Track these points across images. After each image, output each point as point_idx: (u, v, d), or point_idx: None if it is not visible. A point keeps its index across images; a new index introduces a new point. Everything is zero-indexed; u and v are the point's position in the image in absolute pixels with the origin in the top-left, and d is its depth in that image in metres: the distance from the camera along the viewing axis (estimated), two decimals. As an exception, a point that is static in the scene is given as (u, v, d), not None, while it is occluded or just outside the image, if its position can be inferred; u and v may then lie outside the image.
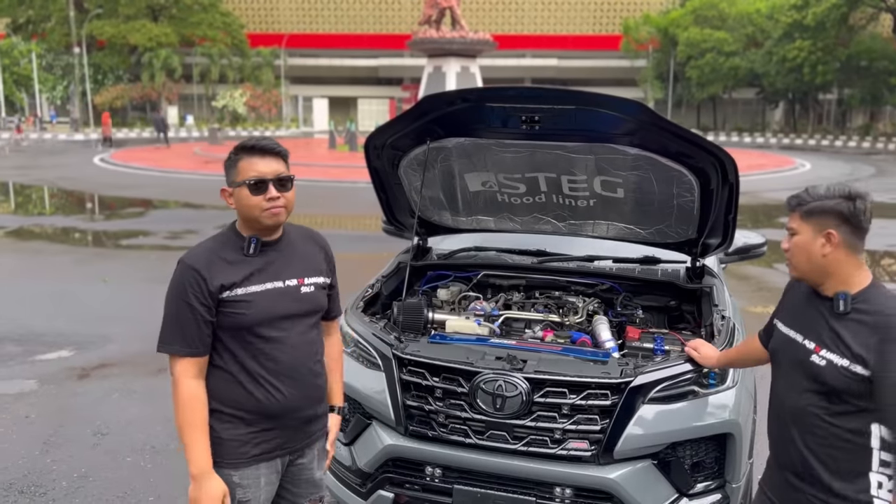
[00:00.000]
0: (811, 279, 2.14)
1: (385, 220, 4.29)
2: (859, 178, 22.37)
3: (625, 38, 52.21)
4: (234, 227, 2.23)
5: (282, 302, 2.22)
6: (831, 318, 2.08)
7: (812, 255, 2.08)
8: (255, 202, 2.15)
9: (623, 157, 3.24)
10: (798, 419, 2.17)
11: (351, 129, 31.79)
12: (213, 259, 2.13)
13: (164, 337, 2.13)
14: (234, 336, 2.16)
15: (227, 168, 2.20)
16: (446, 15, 31.97)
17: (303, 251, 2.32)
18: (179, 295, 2.10)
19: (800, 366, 2.15)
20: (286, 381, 2.23)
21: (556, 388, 2.78)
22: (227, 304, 2.12)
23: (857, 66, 42.84)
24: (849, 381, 2.01)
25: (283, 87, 54.91)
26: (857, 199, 2.02)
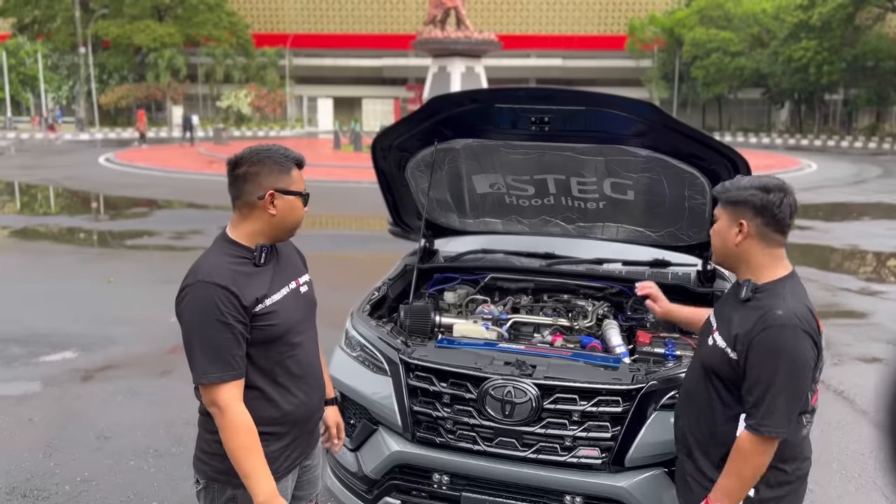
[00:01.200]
0: (727, 265, 2.22)
1: (391, 222, 4.24)
2: (866, 178, 22.27)
3: (630, 39, 52.11)
4: (231, 238, 2.11)
5: (296, 304, 2.21)
6: (735, 303, 2.13)
7: (726, 242, 2.13)
8: (302, 214, 2.17)
9: (634, 158, 3.20)
10: (687, 396, 2.26)
11: (356, 129, 31.75)
12: (233, 274, 2.02)
13: (202, 367, 1.97)
14: (264, 350, 2.09)
15: (274, 172, 2.08)
16: (451, 15, 31.93)
17: (286, 253, 2.29)
18: (212, 316, 1.95)
19: (700, 347, 2.25)
20: (309, 384, 2.23)
21: (567, 394, 2.73)
22: (259, 317, 2.05)
23: (863, 66, 42.70)
24: (720, 362, 2.07)
25: (288, 87, 54.95)
26: (772, 192, 2.05)
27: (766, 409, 1.95)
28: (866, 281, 9.37)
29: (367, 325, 3.25)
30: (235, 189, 2.11)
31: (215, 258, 2.06)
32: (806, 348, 1.96)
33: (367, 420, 3.09)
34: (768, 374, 1.95)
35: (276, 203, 2.08)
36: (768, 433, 1.96)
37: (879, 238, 12.14)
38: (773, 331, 1.95)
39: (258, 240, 2.12)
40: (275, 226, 2.11)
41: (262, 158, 2.08)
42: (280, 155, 2.10)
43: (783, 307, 1.98)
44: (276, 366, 2.12)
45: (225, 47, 51.40)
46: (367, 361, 3.14)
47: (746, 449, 2.00)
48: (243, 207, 2.10)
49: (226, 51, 51.53)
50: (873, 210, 15.77)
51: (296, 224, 2.17)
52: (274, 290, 2.11)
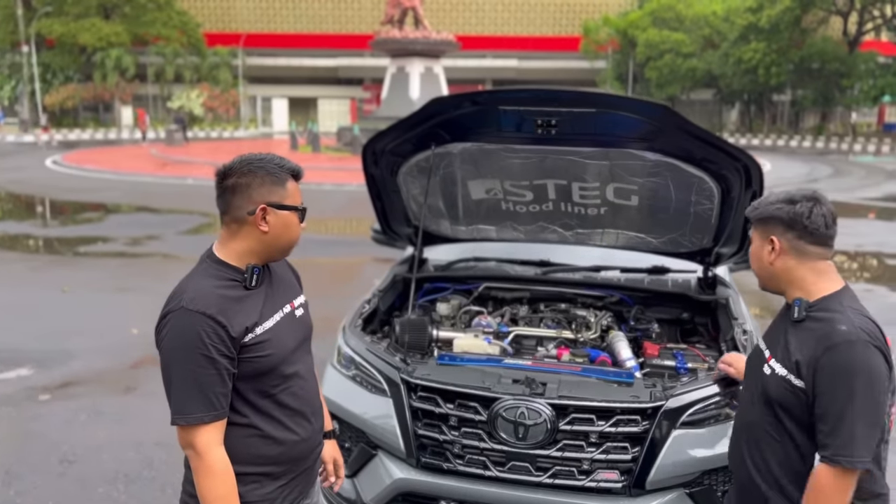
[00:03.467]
0: (771, 287, 2.03)
1: (378, 230, 4.04)
2: (818, 178, 22.76)
3: (584, 40, 52.49)
4: (219, 258, 1.90)
5: (291, 331, 1.99)
6: (789, 327, 1.95)
7: (762, 262, 1.99)
8: (298, 231, 1.96)
9: (642, 163, 3.06)
10: (748, 433, 2.04)
11: (313, 129, 31.25)
12: (220, 300, 1.81)
13: (182, 406, 1.76)
14: (255, 384, 1.88)
15: (266, 184, 1.87)
16: (409, 15, 31.65)
17: (279, 272, 2.08)
18: (195, 349, 1.75)
19: (754, 376, 2.04)
20: (307, 418, 2.01)
21: (583, 414, 2.57)
22: (249, 348, 1.84)
23: (809, 68, 43.75)
24: (785, 392, 1.87)
25: (242, 87, 53.90)
26: (799, 203, 1.91)
27: (845, 438, 1.75)
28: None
29: (362, 342, 3.05)
30: (223, 203, 1.89)
31: (201, 281, 1.84)
32: (879, 364, 1.77)
33: (364, 444, 2.89)
34: (842, 398, 1.75)
35: (269, 219, 1.87)
36: (850, 464, 1.75)
37: (839, 237, 12.24)
38: (840, 349, 1.77)
39: (249, 260, 1.90)
40: (267, 244, 1.90)
41: (253, 169, 1.86)
42: (274, 165, 1.89)
43: (846, 322, 1.80)
44: (269, 400, 1.91)
45: (175, 47, 50.09)
46: (364, 381, 2.94)
47: (826, 485, 1.78)
48: (232, 223, 1.89)
49: (176, 50, 50.24)
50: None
51: (291, 243, 1.96)
52: (266, 317, 1.90)
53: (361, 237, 12.17)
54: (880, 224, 14.25)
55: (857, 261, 10.80)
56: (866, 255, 11.01)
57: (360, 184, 18.42)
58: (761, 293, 6.63)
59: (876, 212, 15.87)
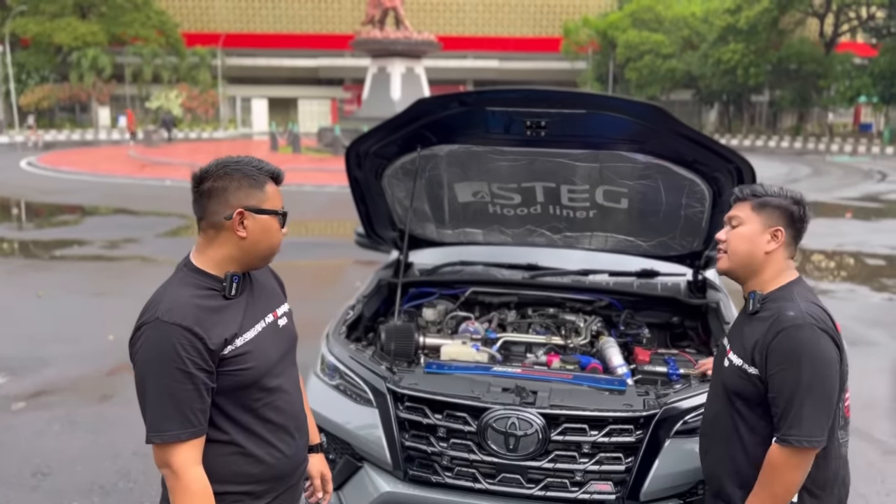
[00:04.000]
0: (738, 274, 2.03)
1: (362, 233, 3.95)
2: (797, 178, 22.92)
3: (565, 41, 52.64)
4: (196, 266, 1.81)
5: (273, 342, 1.89)
6: (743, 319, 2.03)
7: (755, 248, 1.98)
8: (279, 236, 1.86)
9: (632, 165, 3.00)
10: (713, 427, 2.10)
11: (294, 130, 31.03)
12: (197, 311, 1.72)
13: (156, 422, 1.68)
14: (236, 398, 1.79)
15: (244, 187, 1.78)
16: (390, 15, 31.53)
17: (261, 279, 1.99)
18: (171, 363, 1.66)
19: (717, 371, 2.10)
20: (292, 433, 1.91)
21: (575, 423, 2.50)
22: (229, 361, 1.75)
23: (786, 68, 44.16)
24: (741, 381, 1.94)
25: (221, 87, 53.44)
26: (800, 205, 2.00)
27: (794, 417, 1.81)
28: (814, 280, 9.53)
29: (346, 350, 2.96)
30: (199, 207, 1.81)
31: (177, 290, 1.76)
32: (827, 347, 1.83)
33: (349, 456, 2.80)
34: (791, 379, 1.81)
35: (247, 224, 1.79)
36: (798, 443, 1.82)
37: (819, 237, 12.41)
38: (787, 332, 1.83)
39: (228, 267, 1.82)
40: (246, 251, 1.82)
41: (229, 171, 1.78)
42: (252, 167, 1.81)
43: (794, 308, 1.87)
44: (251, 415, 1.82)
45: (154, 47, 49.55)
46: (349, 390, 2.85)
47: (777, 463, 1.85)
48: (209, 229, 1.81)
49: (154, 50, 49.70)
50: (811, 209, 16.16)
51: (271, 249, 1.87)
52: (247, 327, 1.81)
53: (343, 239, 12.05)
54: (859, 224, 14.38)
55: (837, 260, 10.86)
56: (847, 255, 11.08)
57: (341, 185, 18.32)
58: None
59: (855, 211, 16.01)
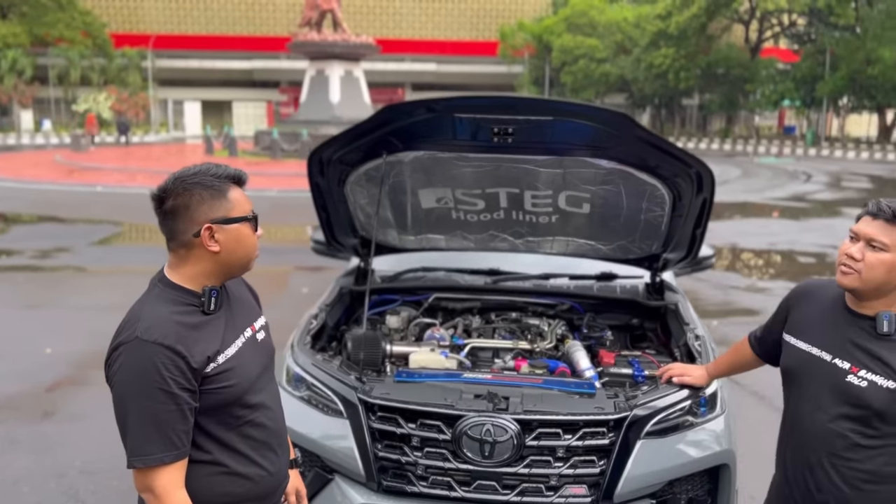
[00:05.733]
0: (865, 296, 1.97)
1: (321, 241, 3.89)
2: (728, 179, 23.65)
3: (502, 45, 53.18)
4: (172, 282, 1.74)
5: (254, 357, 1.84)
6: (869, 339, 1.96)
7: (893, 277, 1.92)
8: (254, 241, 1.78)
9: (595, 170, 3.04)
10: (828, 444, 2.01)
11: (230, 133, 30.40)
12: (178, 328, 1.65)
13: (138, 446, 1.61)
14: (218, 416, 1.72)
15: (206, 200, 1.70)
16: (327, 17, 31.23)
17: (237, 292, 1.92)
18: (152, 384, 1.59)
19: (832, 387, 2.00)
20: (275, 450, 1.86)
21: (549, 428, 2.51)
22: (212, 379, 1.69)
23: (715, 73, 45.66)
24: (889, 402, 1.90)
25: (152, 89, 51.99)
26: None
27: None
28: (751, 278, 9.88)
29: (313, 361, 2.90)
30: (166, 229, 1.73)
31: (155, 307, 1.68)
32: None
33: (319, 469, 2.75)
34: None
35: (218, 237, 1.71)
36: None
37: (753, 236, 12.87)
38: None
39: (205, 282, 1.75)
40: (222, 263, 1.75)
41: (188, 186, 1.70)
42: (210, 176, 1.72)
43: None
44: (234, 433, 1.76)
45: (80, 48, 47.85)
46: (317, 402, 2.80)
47: None
48: (179, 249, 1.73)
49: (81, 52, 47.99)
50: (742, 209, 16.77)
51: (248, 257, 1.80)
52: (228, 343, 1.75)
53: (285, 245, 11.87)
54: (791, 223, 14.96)
55: (771, 259, 11.27)
56: (780, 254, 11.51)
57: (281, 189, 18.05)
58: (696, 299, 6.64)
59: (784, 211, 16.65)
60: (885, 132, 42.84)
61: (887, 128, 42.87)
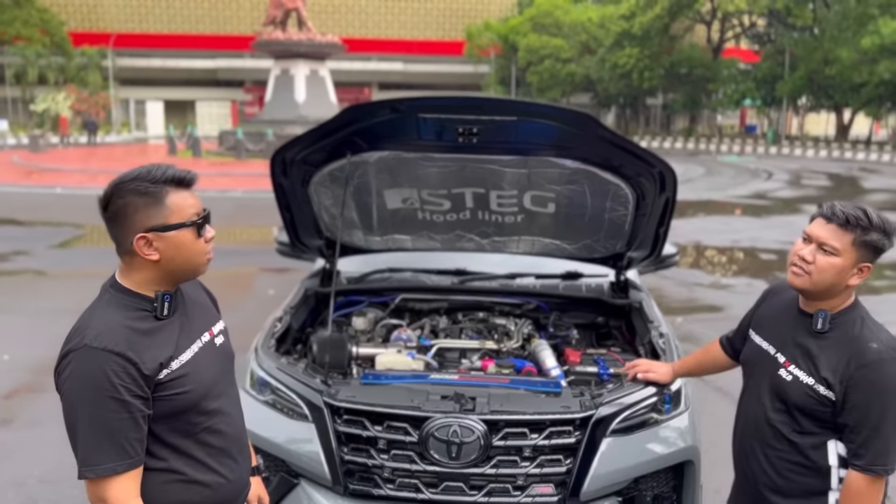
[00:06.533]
0: (814, 296, 2.01)
1: (284, 242, 3.85)
2: (692, 177, 24.00)
3: (468, 44, 53.28)
4: (124, 286, 1.69)
5: (211, 362, 1.80)
6: (806, 335, 2.02)
7: (841, 281, 1.95)
8: (199, 247, 1.71)
9: (560, 170, 3.05)
10: (760, 433, 2.10)
11: (193, 133, 29.99)
12: (129, 334, 1.61)
13: (89, 456, 1.56)
14: (173, 424, 1.68)
15: (140, 208, 1.63)
16: (292, 16, 30.98)
17: (193, 296, 1.88)
18: (103, 392, 1.54)
19: (768, 379, 2.08)
20: (234, 457, 1.82)
21: (516, 428, 2.52)
22: (165, 386, 1.64)
23: (678, 73, 46.31)
24: (812, 400, 1.96)
25: (112, 89, 51.04)
26: (892, 237, 1.94)
27: (879, 449, 1.88)
28: (715, 275, 10.02)
29: (277, 364, 2.87)
30: (111, 236, 1.69)
31: (105, 313, 1.63)
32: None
33: (284, 473, 2.72)
34: (876, 414, 1.87)
35: (156, 245, 1.65)
36: (885, 472, 1.89)
37: (717, 234, 13.06)
38: (873, 367, 1.88)
39: (157, 287, 1.70)
40: (165, 271, 1.69)
41: (122, 193, 1.63)
42: (146, 182, 1.63)
43: (874, 339, 1.91)
44: (191, 440, 1.72)
45: (37, 47, 46.79)
46: (281, 406, 2.76)
47: (863, 491, 1.91)
48: (125, 255, 1.69)
49: (38, 51, 46.93)
50: (706, 207, 17.01)
51: (193, 263, 1.73)
52: (182, 349, 1.71)
53: (250, 247, 11.73)
54: (753, 220, 15.22)
55: (734, 256, 11.45)
56: (742, 251, 11.70)
57: (246, 190, 17.86)
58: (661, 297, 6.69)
59: (747, 209, 16.94)
60: (842, 131, 43.85)
61: (844, 127, 43.88)
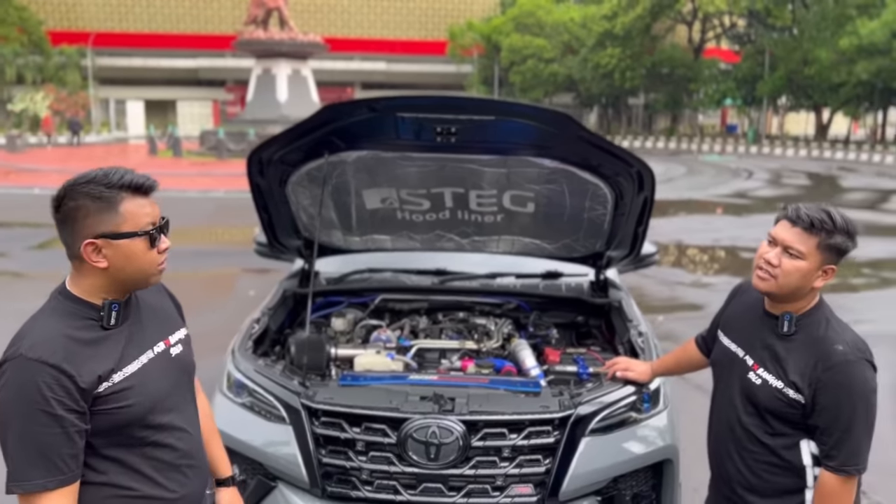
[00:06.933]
0: (779, 298, 2.01)
1: (263, 242, 3.82)
2: (673, 177, 24.14)
3: (451, 44, 53.28)
4: (71, 293, 1.62)
5: (164, 374, 1.72)
6: (773, 338, 2.02)
7: (806, 284, 1.95)
8: (151, 257, 1.64)
9: (539, 170, 3.05)
10: (734, 435, 2.11)
11: (174, 133, 29.76)
12: (68, 344, 1.53)
13: (20, 471, 1.48)
14: (116, 438, 1.61)
15: (92, 213, 1.56)
16: (273, 15, 30.84)
17: (153, 304, 1.79)
18: (34, 405, 1.47)
19: (737, 381, 2.09)
20: (186, 471, 1.75)
21: (495, 428, 2.51)
22: (104, 399, 1.56)
23: (660, 73, 46.61)
24: (782, 404, 1.97)
25: (92, 88, 50.50)
26: (854, 238, 1.93)
27: (851, 449, 1.89)
28: (696, 274, 10.08)
29: (254, 366, 2.84)
30: (61, 238, 1.61)
31: (47, 322, 1.57)
32: (873, 378, 1.91)
33: (262, 476, 2.69)
34: (846, 415, 1.88)
35: (105, 252, 1.58)
36: (857, 472, 1.91)
37: (699, 233, 13.15)
38: (840, 369, 1.88)
39: (105, 295, 1.62)
40: (114, 279, 1.62)
41: (74, 195, 1.56)
42: (100, 186, 1.56)
43: (839, 341, 1.91)
44: (134, 454, 1.64)
45: (15, 46, 46.20)
46: (259, 408, 2.74)
47: (836, 491, 1.92)
48: (73, 260, 1.61)
49: (16, 50, 46.34)
50: (687, 207, 17.12)
51: (142, 274, 1.65)
52: (127, 361, 1.63)
53: (231, 247, 11.65)
54: (734, 219, 15.34)
55: (716, 255, 11.53)
56: (723, 249, 11.78)
57: (228, 190, 17.72)
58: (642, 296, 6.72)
59: (727, 208, 17.06)
60: (821, 130, 44.33)
61: (823, 126, 44.35)
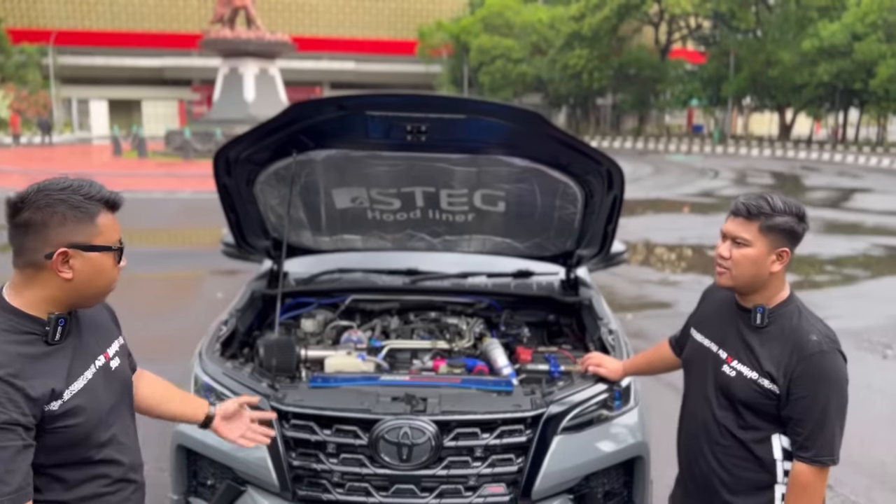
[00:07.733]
0: (743, 291, 2.05)
1: (230, 243, 3.76)
2: (641, 176, 24.40)
3: (420, 44, 53.25)
4: (11, 305, 1.55)
5: (107, 388, 1.67)
6: (746, 330, 2.05)
7: (761, 270, 1.98)
8: (114, 275, 1.63)
9: (509, 169, 3.04)
10: (708, 432, 2.12)
11: (139, 133, 29.32)
12: (17, 359, 1.47)
13: None
14: (63, 455, 1.56)
15: (69, 221, 1.53)
16: (240, 14, 30.55)
17: (89, 314, 1.73)
18: None
19: (711, 375, 2.11)
20: (129, 486, 1.72)
21: (467, 428, 2.50)
22: (56, 418, 1.52)
23: (627, 73, 47.08)
24: (757, 395, 1.99)
25: (54, 88, 49.51)
26: (804, 220, 1.98)
27: (825, 440, 1.91)
28: (664, 272, 10.19)
29: (222, 369, 2.79)
30: (15, 243, 1.55)
31: None
32: (845, 369, 1.95)
33: (230, 481, 2.65)
34: (820, 406, 1.91)
35: (74, 263, 1.54)
36: (831, 462, 1.92)
37: (665, 231, 13.30)
38: (814, 359, 1.91)
39: (50, 308, 1.57)
40: (72, 292, 1.58)
41: (52, 202, 1.52)
42: (80, 196, 1.55)
43: (813, 331, 1.94)
44: (84, 473, 1.61)
45: (-27, 44, 45.18)
46: (227, 411, 2.68)
47: (810, 482, 1.93)
48: (27, 267, 1.55)
49: (-26, 48, 45.31)
50: (654, 206, 17.30)
51: (104, 290, 1.64)
52: (75, 376, 1.58)
53: (198, 248, 11.49)
54: (700, 218, 15.54)
55: (682, 253, 11.67)
56: (690, 248, 11.93)
57: (194, 190, 17.50)
58: (612, 294, 6.76)
59: (694, 207, 17.28)
60: (785, 130, 45.15)
61: (787, 126, 45.18)
